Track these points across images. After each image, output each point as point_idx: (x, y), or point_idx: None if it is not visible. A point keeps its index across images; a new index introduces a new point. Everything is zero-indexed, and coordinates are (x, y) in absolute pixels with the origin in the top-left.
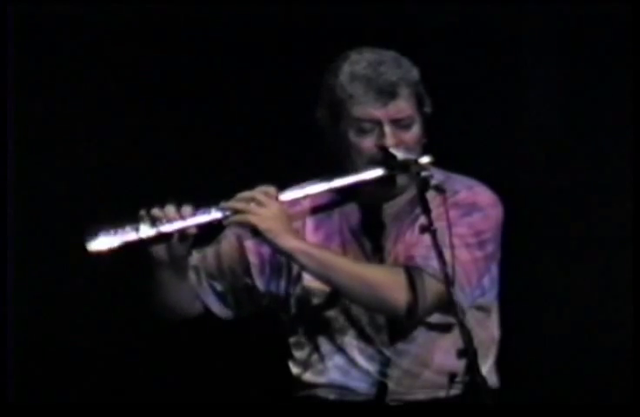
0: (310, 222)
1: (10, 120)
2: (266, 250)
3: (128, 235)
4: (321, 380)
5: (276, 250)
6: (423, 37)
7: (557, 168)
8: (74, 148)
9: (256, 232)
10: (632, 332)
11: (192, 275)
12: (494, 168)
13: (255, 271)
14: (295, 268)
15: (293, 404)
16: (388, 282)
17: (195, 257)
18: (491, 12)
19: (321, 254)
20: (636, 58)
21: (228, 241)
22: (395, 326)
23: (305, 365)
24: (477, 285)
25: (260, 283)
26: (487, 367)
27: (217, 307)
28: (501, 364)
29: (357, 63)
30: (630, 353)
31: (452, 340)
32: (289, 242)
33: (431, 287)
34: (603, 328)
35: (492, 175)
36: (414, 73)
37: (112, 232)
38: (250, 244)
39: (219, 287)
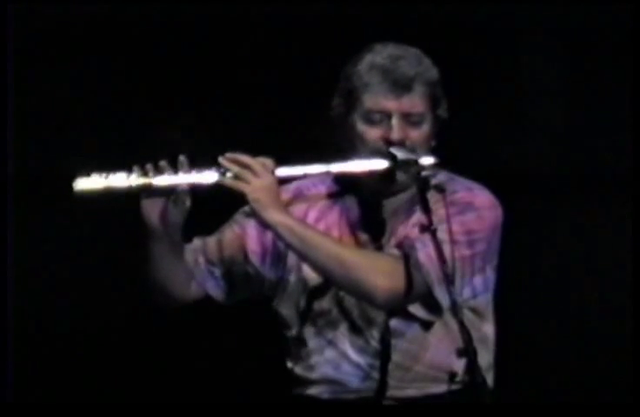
0: (311, 214)
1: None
2: (268, 239)
3: (117, 180)
4: (313, 375)
5: (260, 222)
6: (422, 37)
7: (558, 170)
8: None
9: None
10: (632, 332)
11: (190, 258)
12: (494, 169)
13: (256, 259)
14: (293, 257)
15: (285, 404)
16: (365, 265)
17: (195, 243)
18: (491, 11)
19: (302, 231)
20: (637, 57)
21: (231, 229)
22: (385, 320)
23: (297, 359)
24: (464, 283)
25: (261, 271)
26: None
27: (214, 291)
28: (500, 364)
29: (379, 54)
30: (629, 353)
31: (439, 337)
32: (274, 215)
33: (411, 277)
34: (603, 328)
35: (492, 175)
36: (433, 73)
37: (103, 175)
38: (252, 233)
39: (217, 272)
